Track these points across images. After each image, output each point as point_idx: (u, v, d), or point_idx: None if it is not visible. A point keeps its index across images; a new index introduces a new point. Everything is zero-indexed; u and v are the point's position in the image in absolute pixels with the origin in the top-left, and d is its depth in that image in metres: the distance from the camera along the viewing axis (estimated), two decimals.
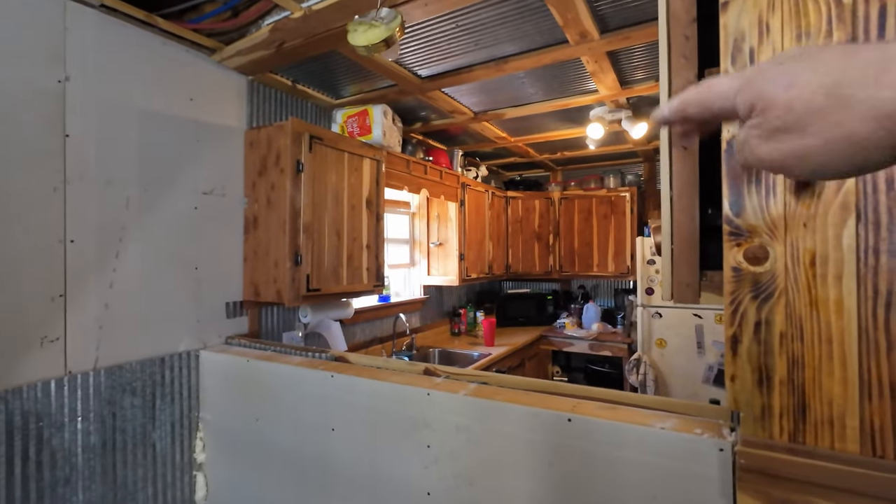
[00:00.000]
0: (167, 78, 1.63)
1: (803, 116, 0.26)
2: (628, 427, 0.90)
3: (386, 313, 2.88)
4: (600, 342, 3.57)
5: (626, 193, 3.74)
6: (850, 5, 0.68)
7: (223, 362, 1.67)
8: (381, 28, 1.19)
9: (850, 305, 0.68)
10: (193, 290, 1.72)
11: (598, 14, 1.55)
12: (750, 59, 0.76)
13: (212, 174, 1.79)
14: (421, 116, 2.70)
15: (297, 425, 1.44)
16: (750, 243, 0.75)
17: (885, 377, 0.66)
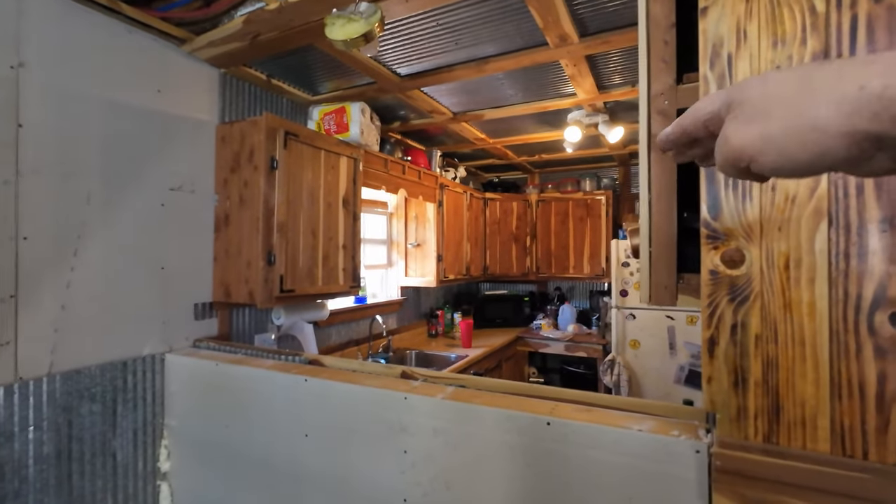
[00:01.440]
0: (133, 68, 1.55)
1: (771, 105, 0.28)
2: (606, 429, 0.90)
3: (362, 315, 2.83)
4: (576, 343, 3.61)
5: (602, 197, 3.81)
6: (824, 14, 0.70)
7: (190, 366, 1.60)
8: (360, 22, 1.16)
9: (822, 308, 0.69)
10: (159, 290, 1.64)
11: (578, 17, 1.56)
12: (728, 65, 0.77)
13: (180, 169, 1.72)
14: (400, 115, 2.67)
15: (268, 431, 1.39)
16: (727, 246, 0.76)
17: (855, 378, 0.67)
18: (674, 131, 0.36)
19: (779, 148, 0.28)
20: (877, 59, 0.25)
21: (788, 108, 0.27)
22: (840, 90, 0.25)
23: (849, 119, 0.25)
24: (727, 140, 0.30)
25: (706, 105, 0.33)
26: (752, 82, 0.30)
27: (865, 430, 0.67)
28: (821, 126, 0.26)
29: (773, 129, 0.28)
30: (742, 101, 0.30)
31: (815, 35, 0.71)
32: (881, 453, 0.66)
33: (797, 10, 0.72)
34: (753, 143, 0.29)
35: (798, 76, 0.28)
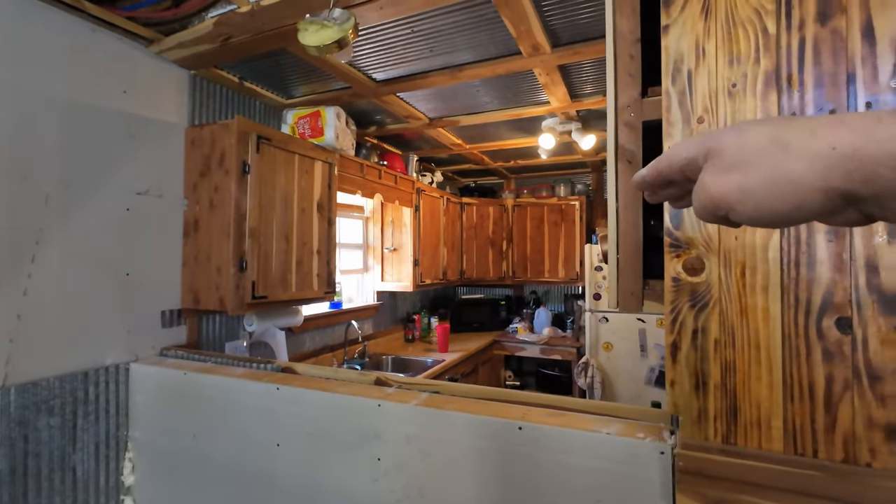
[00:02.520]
0: (97, 68, 1.50)
1: (749, 156, 0.29)
2: (575, 433, 0.92)
3: (337, 320, 2.80)
4: (551, 346, 3.66)
5: (576, 202, 3.88)
6: (775, 36, 0.74)
7: (157, 375, 1.55)
8: (333, 29, 1.16)
9: (776, 314, 0.73)
10: (124, 297, 1.58)
11: (550, 28, 1.60)
12: (688, 80, 0.81)
13: (147, 173, 1.67)
14: (376, 120, 2.67)
15: (238, 441, 1.35)
16: (688, 255, 0.79)
17: (805, 380, 0.71)
18: (649, 174, 0.36)
19: (757, 200, 0.29)
20: (845, 120, 0.27)
21: (765, 161, 0.28)
22: (814, 148, 0.26)
23: (823, 176, 0.26)
24: (705, 189, 0.31)
25: (683, 151, 0.34)
26: (729, 132, 0.31)
27: (815, 430, 0.70)
28: (797, 180, 0.27)
29: (751, 182, 0.29)
30: (719, 151, 0.31)
31: (768, 55, 0.75)
32: (829, 451, 0.69)
33: (751, 31, 0.76)
34: (732, 194, 0.30)
35: (772, 130, 0.29)
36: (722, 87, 0.78)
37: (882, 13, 0.67)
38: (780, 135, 0.28)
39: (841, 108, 0.71)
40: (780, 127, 0.29)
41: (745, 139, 0.29)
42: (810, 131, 0.27)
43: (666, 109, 0.82)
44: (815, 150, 0.26)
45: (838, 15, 0.70)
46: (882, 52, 0.68)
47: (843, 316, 0.69)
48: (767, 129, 0.29)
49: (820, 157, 0.26)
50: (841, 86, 0.71)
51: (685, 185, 0.35)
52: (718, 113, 0.79)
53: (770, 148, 0.28)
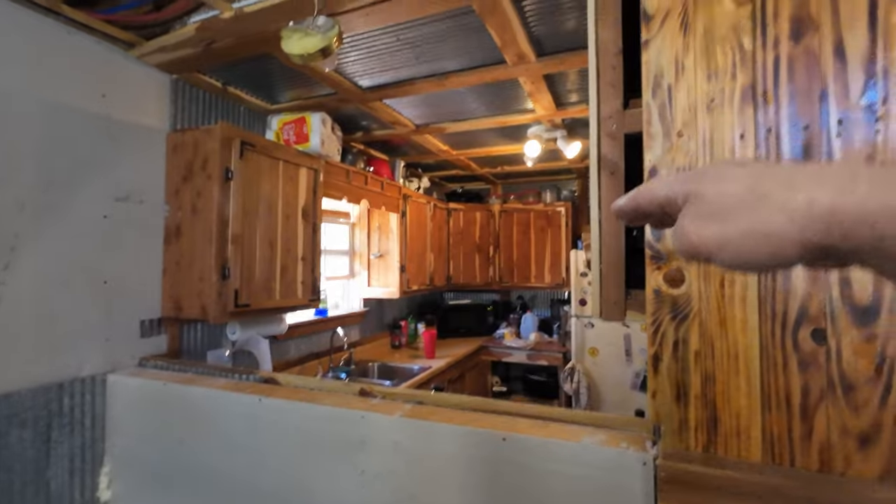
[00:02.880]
0: (74, 71, 1.47)
1: (728, 207, 0.29)
2: (560, 443, 0.92)
3: (323, 327, 2.77)
4: (537, 352, 3.67)
5: (562, 208, 3.91)
6: (751, 52, 0.76)
7: (135, 386, 1.51)
8: (317, 37, 1.15)
9: (753, 325, 0.74)
10: (102, 306, 1.55)
11: (535, 38, 1.61)
12: (668, 94, 0.82)
13: (127, 178, 1.63)
14: (362, 126, 2.66)
15: (219, 453, 1.33)
16: (669, 267, 0.80)
17: (782, 390, 0.72)
18: (627, 205, 0.37)
19: (736, 249, 0.29)
20: (823, 174, 0.27)
21: (744, 212, 0.29)
22: (792, 202, 0.27)
23: (800, 231, 0.26)
24: (686, 234, 0.32)
25: (663, 189, 0.34)
26: (709, 177, 0.31)
27: (792, 439, 0.71)
28: (775, 233, 0.27)
29: (731, 232, 0.29)
30: (699, 196, 0.31)
31: (744, 70, 0.77)
32: (806, 460, 0.71)
33: (728, 47, 0.77)
34: (711, 243, 0.30)
35: (752, 179, 0.29)
36: (701, 101, 0.80)
37: (852, 34, 0.69)
38: (759, 186, 0.28)
39: (814, 123, 0.73)
40: (759, 176, 0.29)
41: (725, 188, 0.30)
42: (788, 184, 0.27)
43: (647, 122, 0.84)
44: (792, 204, 0.27)
45: (811, 34, 0.72)
46: (852, 71, 0.70)
47: (817, 327, 0.71)
48: (747, 179, 0.29)
49: (797, 211, 0.26)
50: (814, 102, 0.72)
51: (663, 218, 0.36)
52: (698, 126, 0.80)
53: (749, 199, 0.28)
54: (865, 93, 0.70)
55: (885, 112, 0.69)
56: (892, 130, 0.69)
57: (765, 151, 0.76)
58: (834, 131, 0.72)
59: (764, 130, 0.75)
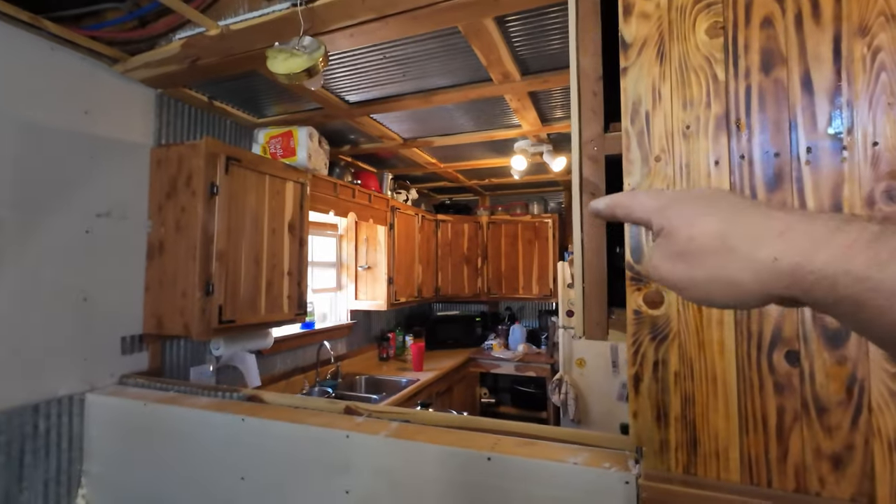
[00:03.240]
0: (56, 87, 1.45)
1: (697, 251, 0.31)
2: (543, 463, 0.93)
3: (309, 341, 2.74)
4: (525, 363, 3.68)
5: (549, 220, 3.95)
6: (724, 83, 0.78)
7: (115, 407, 1.48)
8: (302, 58, 1.16)
9: (730, 347, 0.76)
10: (81, 323, 1.51)
11: (520, 58, 1.64)
12: (646, 121, 0.84)
13: (110, 194, 1.61)
14: (349, 140, 2.66)
15: (200, 475, 1.30)
16: (648, 288, 0.82)
17: (759, 412, 0.74)
18: (604, 212, 0.39)
19: (703, 291, 0.31)
20: (788, 231, 0.28)
21: (711, 260, 0.30)
22: (757, 258, 0.28)
23: (763, 284, 0.28)
24: (657, 269, 0.34)
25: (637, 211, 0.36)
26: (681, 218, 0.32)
27: (769, 460, 0.73)
28: (739, 284, 0.29)
29: (698, 276, 0.31)
30: (670, 234, 0.33)
31: (718, 100, 0.79)
32: (782, 481, 0.72)
33: (702, 77, 0.80)
34: (680, 282, 0.32)
35: (722, 228, 0.30)
36: (677, 128, 0.82)
37: (818, 67, 0.72)
38: (728, 237, 0.30)
39: (784, 151, 0.75)
40: (728, 225, 0.30)
41: (696, 233, 0.31)
42: (755, 238, 0.29)
43: (626, 148, 0.86)
44: (758, 259, 0.28)
45: (780, 66, 0.75)
46: (819, 102, 0.73)
47: (791, 349, 0.73)
48: (717, 227, 0.30)
49: (763, 267, 0.28)
50: (784, 131, 0.75)
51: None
52: (674, 153, 0.82)
53: (717, 248, 0.30)
54: (832, 122, 0.73)
55: (850, 141, 0.72)
56: (857, 158, 0.71)
57: (739, 177, 0.78)
58: (804, 158, 0.74)
59: (737, 157, 0.78)
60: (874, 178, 0.70)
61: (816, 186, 0.73)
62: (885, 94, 0.70)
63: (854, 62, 0.71)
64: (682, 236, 0.32)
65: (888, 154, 0.70)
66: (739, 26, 0.78)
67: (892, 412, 0.67)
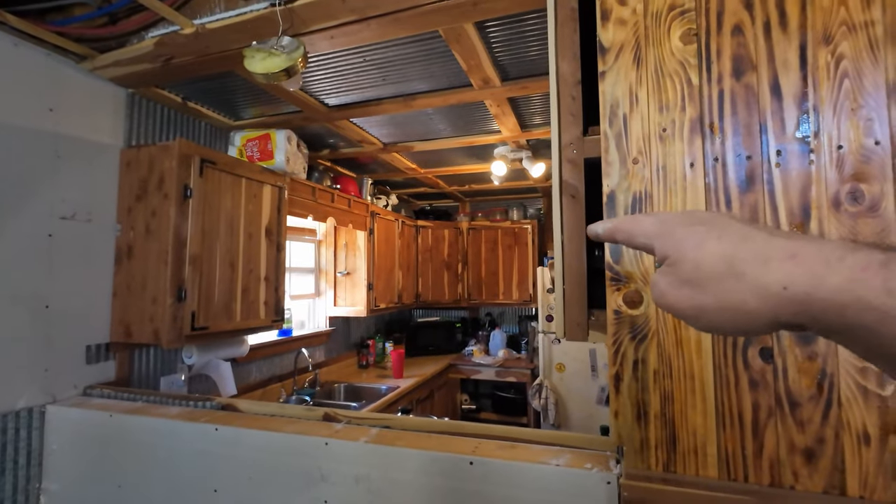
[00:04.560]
0: (18, 84, 1.39)
1: (705, 277, 0.30)
2: (525, 466, 0.92)
3: (287, 348, 2.68)
4: (506, 369, 3.68)
5: (528, 226, 3.99)
6: (698, 87, 0.80)
7: (77, 419, 1.40)
8: (281, 57, 1.14)
9: (707, 345, 0.77)
10: (42, 332, 1.44)
11: (500, 64, 1.66)
12: (624, 124, 0.86)
13: (75, 196, 1.55)
14: (329, 143, 2.64)
15: (170, 488, 1.25)
16: (628, 288, 0.83)
17: (735, 408, 0.75)
18: (603, 236, 0.38)
19: (710, 319, 0.31)
20: (798, 255, 0.27)
21: (719, 287, 0.30)
22: (765, 284, 0.27)
23: (772, 311, 0.28)
24: (662, 296, 0.33)
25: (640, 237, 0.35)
26: (687, 244, 0.32)
27: (745, 455, 0.74)
28: (748, 311, 0.28)
29: (705, 302, 0.30)
30: (676, 262, 0.32)
31: (692, 104, 0.81)
32: (758, 475, 0.73)
33: (677, 81, 0.82)
34: (687, 310, 0.32)
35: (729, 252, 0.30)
36: (654, 131, 0.84)
37: (786, 73, 0.75)
38: (737, 263, 0.29)
39: (756, 154, 0.78)
40: (736, 249, 0.30)
41: (703, 258, 0.31)
42: (764, 263, 0.28)
43: (604, 150, 0.87)
44: (767, 286, 0.28)
45: (750, 72, 0.77)
46: (787, 107, 0.75)
47: (765, 346, 0.74)
48: (723, 252, 0.30)
49: (771, 295, 0.27)
50: (755, 135, 0.78)
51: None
52: (651, 155, 0.84)
53: (726, 275, 0.29)
54: (800, 126, 0.76)
55: (817, 144, 0.75)
56: (823, 161, 0.74)
57: (713, 179, 0.80)
58: (773, 161, 0.77)
59: (711, 159, 0.80)
60: (840, 180, 0.73)
61: (786, 188, 0.75)
62: (849, 100, 0.73)
63: (819, 69, 0.74)
64: (689, 263, 0.31)
65: (852, 157, 0.73)
66: (712, 33, 0.80)
67: (860, 406, 0.69)
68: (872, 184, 0.71)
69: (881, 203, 0.70)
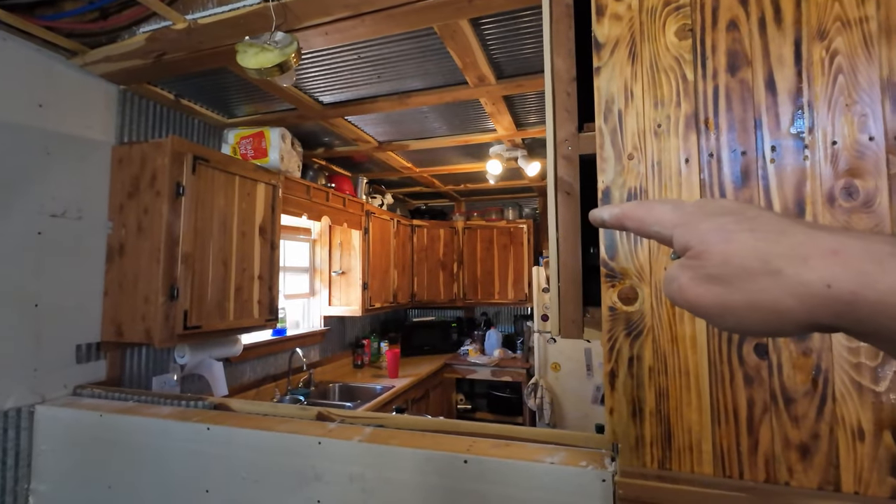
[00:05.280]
0: (7, 79, 1.37)
1: (735, 273, 0.27)
2: (520, 464, 0.92)
3: (281, 348, 2.66)
4: (501, 368, 3.68)
5: (524, 225, 3.99)
6: (693, 82, 0.80)
7: (67, 419, 1.38)
8: (274, 53, 1.13)
9: (702, 341, 0.77)
10: (31, 331, 1.42)
11: (495, 61, 1.66)
12: (619, 120, 0.85)
13: (65, 193, 1.53)
14: (324, 142, 2.62)
15: (161, 489, 1.23)
16: (623, 285, 0.83)
17: (730, 404, 0.75)
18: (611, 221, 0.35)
19: (738, 318, 0.27)
20: (842, 250, 0.24)
21: (752, 285, 0.26)
22: (807, 282, 0.24)
23: (809, 312, 0.25)
24: (683, 292, 0.29)
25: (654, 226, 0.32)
26: (713, 236, 0.29)
27: (740, 452, 0.74)
28: (783, 311, 0.25)
29: (735, 301, 0.27)
30: (701, 254, 0.29)
31: (687, 99, 0.81)
32: (753, 472, 0.73)
33: (672, 77, 0.82)
34: (712, 308, 0.28)
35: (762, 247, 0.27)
36: (649, 126, 0.83)
37: (780, 69, 0.75)
38: (772, 258, 0.26)
39: (750, 149, 0.77)
40: (770, 243, 0.27)
41: (733, 252, 0.27)
42: (802, 259, 0.25)
43: (599, 146, 0.87)
44: (808, 285, 0.25)
45: (745, 67, 0.77)
46: (782, 103, 0.75)
47: (760, 342, 0.74)
48: (756, 245, 0.27)
49: (812, 294, 0.24)
50: (750, 130, 0.77)
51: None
52: (646, 151, 0.83)
53: (759, 271, 0.26)
54: (794, 122, 0.76)
55: (811, 140, 0.74)
56: (818, 157, 0.74)
57: (708, 175, 0.80)
58: (768, 157, 0.77)
59: (706, 155, 0.80)
60: (834, 176, 0.73)
61: (781, 184, 0.75)
62: (843, 96, 0.73)
63: (814, 65, 0.74)
64: (716, 257, 0.28)
65: (846, 153, 0.73)
66: (707, 29, 0.80)
67: (854, 401, 0.69)
68: (867, 179, 0.71)
69: (875, 198, 0.70)
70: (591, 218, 0.37)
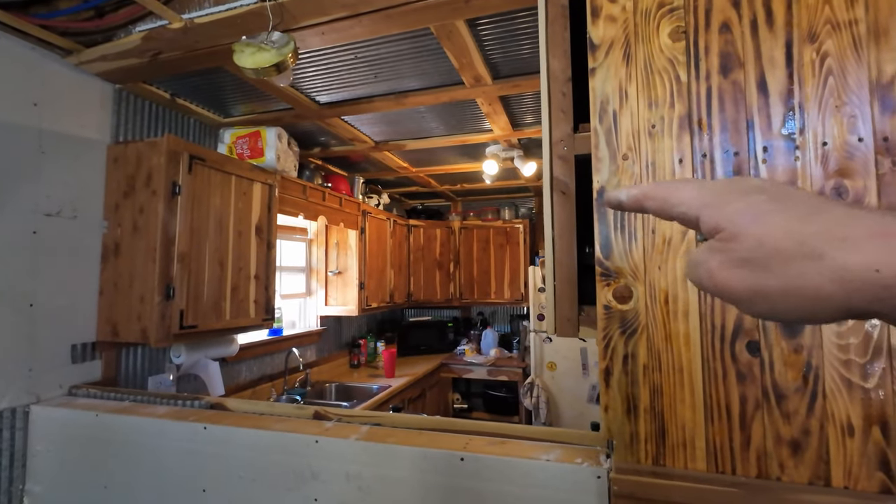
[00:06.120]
0: (1, 78, 1.36)
1: (769, 257, 0.26)
2: (516, 461, 0.92)
3: (277, 348, 2.66)
4: (498, 367, 3.69)
5: (520, 225, 4.01)
6: (686, 83, 0.81)
7: (62, 419, 1.38)
8: (271, 52, 1.13)
9: (696, 339, 0.78)
10: (25, 331, 1.41)
11: (491, 62, 1.66)
12: (614, 120, 0.86)
13: (60, 193, 1.52)
14: (320, 142, 2.62)
15: (157, 489, 1.23)
16: (617, 283, 0.83)
17: (723, 401, 0.76)
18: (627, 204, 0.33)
19: (772, 305, 0.26)
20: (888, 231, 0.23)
21: (790, 269, 0.25)
22: (848, 266, 0.23)
23: (849, 297, 0.23)
24: (712, 276, 0.28)
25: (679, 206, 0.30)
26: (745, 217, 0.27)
27: (733, 448, 0.75)
28: (821, 297, 0.24)
29: (770, 287, 0.26)
30: (733, 236, 0.27)
31: (681, 100, 0.82)
32: (746, 468, 0.74)
33: (666, 78, 0.83)
34: (744, 293, 0.27)
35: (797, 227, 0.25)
36: (643, 127, 0.84)
37: (772, 71, 0.76)
38: (809, 239, 0.24)
39: (743, 150, 0.78)
40: (806, 224, 0.25)
41: (767, 234, 0.26)
42: (842, 239, 0.24)
43: (594, 146, 0.88)
44: (851, 269, 0.23)
45: (737, 69, 0.78)
46: (774, 104, 0.76)
47: (752, 340, 0.75)
48: (792, 227, 0.25)
49: (855, 279, 0.23)
50: (742, 131, 0.78)
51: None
52: (641, 151, 0.84)
53: (796, 254, 0.25)
54: (785, 123, 0.77)
55: (802, 141, 0.76)
56: (808, 158, 0.75)
57: (701, 175, 0.81)
58: (760, 157, 0.78)
59: (700, 155, 0.81)
60: (824, 177, 0.74)
61: None
62: (833, 98, 0.74)
63: (804, 66, 0.75)
64: (749, 239, 0.26)
65: (836, 154, 0.74)
66: (700, 30, 0.81)
67: (843, 397, 0.71)
68: (856, 180, 0.72)
69: (864, 199, 0.72)
70: (607, 200, 0.35)
